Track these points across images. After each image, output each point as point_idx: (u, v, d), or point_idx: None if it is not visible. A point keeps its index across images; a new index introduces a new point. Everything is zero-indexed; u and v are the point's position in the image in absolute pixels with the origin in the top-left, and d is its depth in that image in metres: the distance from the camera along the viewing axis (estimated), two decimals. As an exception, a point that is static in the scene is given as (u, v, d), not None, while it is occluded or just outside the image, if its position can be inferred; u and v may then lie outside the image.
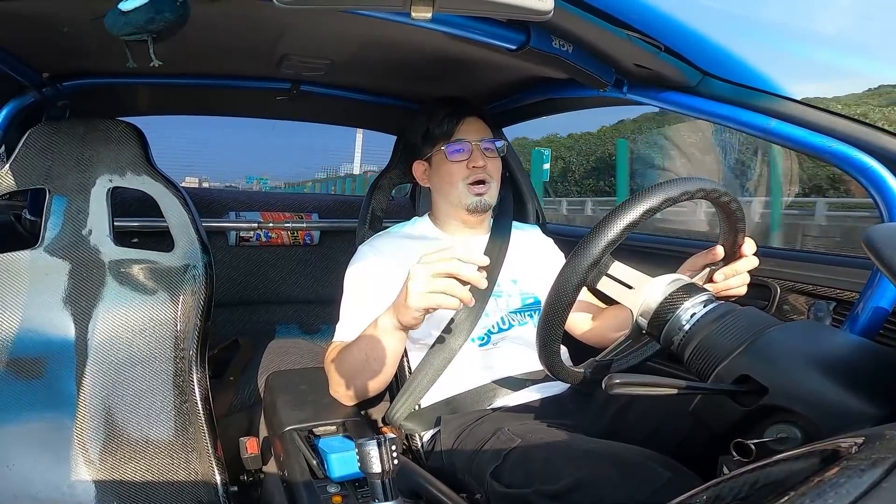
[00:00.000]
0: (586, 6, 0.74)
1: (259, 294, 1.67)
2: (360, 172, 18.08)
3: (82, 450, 0.99)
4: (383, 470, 0.60)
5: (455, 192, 1.08)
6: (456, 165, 1.07)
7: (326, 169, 21.74)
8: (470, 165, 1.07)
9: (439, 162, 1.10)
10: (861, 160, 0.78)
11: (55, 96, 1.19)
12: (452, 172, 1.08)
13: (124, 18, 0.66)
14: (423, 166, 1.15)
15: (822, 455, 0.36)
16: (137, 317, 1.06)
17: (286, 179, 25.62)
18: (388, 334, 0.90)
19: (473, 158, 1.07)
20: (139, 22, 0.67)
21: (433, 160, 1.12)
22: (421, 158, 1.14)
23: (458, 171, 1.07)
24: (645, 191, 0.65)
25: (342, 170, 20.63)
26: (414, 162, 1.16)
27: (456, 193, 1.08)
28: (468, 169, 1.07)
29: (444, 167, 1.09)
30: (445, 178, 1.09)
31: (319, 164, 23.34)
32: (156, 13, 0.66)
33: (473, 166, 1.07)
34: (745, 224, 0.75)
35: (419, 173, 1.16)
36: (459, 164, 1.07)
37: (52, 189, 1.05)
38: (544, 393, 1.02)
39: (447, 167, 1.08)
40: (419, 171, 1.16)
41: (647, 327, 0.70)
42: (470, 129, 1.09)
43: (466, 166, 1.07)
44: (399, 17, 0.79)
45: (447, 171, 1.08)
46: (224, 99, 1.51)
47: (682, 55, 0.85)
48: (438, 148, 1.09)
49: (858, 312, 0.81)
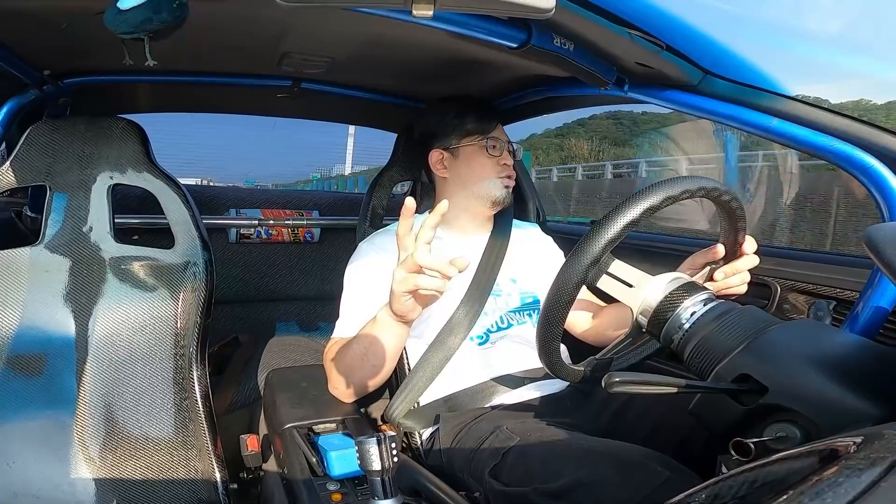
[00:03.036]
0: (588, 4, 0.74)
1: (259, 291, 1.67)
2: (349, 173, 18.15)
3: (82, 447, 1.00)
4: (383, 468, 0.60)
5: (485, 185, 1.12)
6: (492, 160, 1.12)
7: (321, 169, 21.84)
8: (501, 162, 1.13)
9: (471, 154, 1.13)
10: (862, 159, 0.78)
11: (56, 94, 1.19)
12: (487, 166, 1.12)
13: (122, 17, 0.66)
14: (442, 154, 1.15)
15: (821, 454, 0.36)
16: (138, 314, 1.06)
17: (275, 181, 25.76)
18: (386, 329, 0.90)
19: (504, 157, 1.14)
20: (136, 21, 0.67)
21: (460, 151, 1.13)
22: (442, 148, 1.15)
23: (491, 165, 1.12)
24: (646, 189, 0.65)
25: (335, 170, 20.70)
26: (431, 150, 1.16)
27: (486, 185, 1.12)
28: (499, 165, 1.13)
29: (478, 160, 1.12)
30: (477, 170, 1.12)
31: (312, 164, 23.43)
32: (153, 13, 0.66)
33: (504, 164, 1.13)
34: (745, 223, 0.75)
35: (435, 160, 1.15)
36: (494, 158, 1.12)
37: (52, 186, 1.05)
38: (543, 391, 1.02)
39: (482, 161, 1.12)
40: (436, 157, 1.15)
41: (647, 326, 0.70)
42: (500, 131, 1.16)
43: (497, 162, 1.13)
44: (400, 15, 0.79)
45: (481, 164, 1.12)
46: (225, 96, 1.51)
47: (683, 54, 0.85)
48: (474, 141, 1.13)
49: (858, 312, 0.81)
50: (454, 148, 1.14)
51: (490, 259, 1.11)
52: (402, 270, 0.79)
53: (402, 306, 0.84)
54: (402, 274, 0.79)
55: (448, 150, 1.14)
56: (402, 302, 0.83)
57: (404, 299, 0.82)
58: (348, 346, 0.97)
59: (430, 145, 1.16)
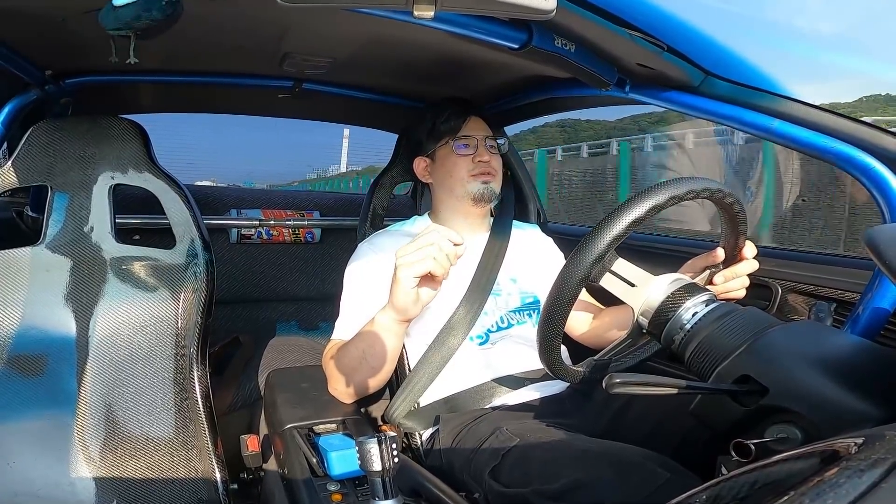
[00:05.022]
0: (589, 5, 0.74)
1: (260, 292, 1.67)
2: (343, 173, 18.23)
3: (83, 447, 1.00)
4: (383, 468, 0.60)
5: (461, 184, 1.11)
6: (463, 159, 1.11)
7: (317, 171, 21.83)
8: (475, 160, 1.11)
9: (444, 156, 1.13)
10: (863, 161, 0.78)
11: (58, 94, 1.19)
12: (459, 165, 1.11)
13: (114, 13, 0.67)
14: (424, 162, 1.17)
15: (822, 455, 0.36)
16: (138, 314, 1.06)
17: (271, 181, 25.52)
18: (386, 330, 0.90)
19: (479, 153, 1.11)
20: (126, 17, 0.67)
21: (437, 155, 1.14)
22: (423, 155, 1.16)
23: (464, 164, 1.11)
24: (652, 188, 0.65)
25: (331, 171, 20.71)
26: (416, 158, 1.18)
27: (462, 185, 1.11)
28: (473, 163, 1.11)
29: (450, 160, 1.12)
30: (451, 172, 1.11)
31: (310, 164, 23.28)
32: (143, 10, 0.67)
33: (479, 160, 1.11)
34: (747, 226, 0.75)
35: (420, 169, 1.18)
36: (466, 157, 1.11)
37: (54, 186, 1.05)
38: (543, 392, 1.02)
39: (453, 160, 1.11)
40: (420, 167, 1.17)
41: (648, 326, 0.70)
42: (475, 126, 1.13)
43: (472, 160, 1.11)
44: (401, 16, 0.79)
45: (453, 164, 1.11)
46: (226, 97, 1.51)
47: (684, 55, 0.85)
48: (444, 143, 1.12)
49: (859, 313, 0.81)
50: (432, 153, 1.15)
51: (490, 259, 1.11)
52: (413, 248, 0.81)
53: (405, 298, 0.84)
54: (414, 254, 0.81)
55: (429, 157, 1.15)
56: (405, 292, 0.83)
57: (409, 286, 0.83)
58: (347, 347, 0.97)
59: (416, 154, 1.18)
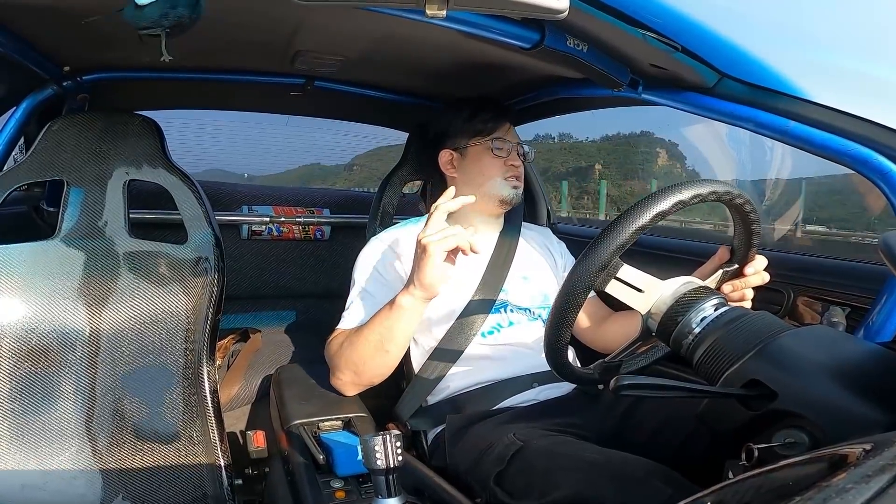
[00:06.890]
0: (602, 5, 0.74)
1: (269, 288, 1.68)
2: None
3: (90, 440, 1.01)
4: (387, 466, 0.60)
5: (492, 184, 1.12)
6: (498, 160, 1.13)
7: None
8: (508, 163, 1.13)
9: (478, 154, 1.14)
10: (881, 163, 0.76)
11: (75, 90, 1.21)
12: (493, 165, 1.13)
13: (140, 12, 0.68)
14: (450, 155, 1.17)
15: (830, 461, 0.35)
16: (149, 308, 1.07)
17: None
18: (408, 311, 0.92)
19: (512, 157, 1.14)
20: (153, 16, 0.68)
21: (468, 151, 1.15)
22: (451, 148, 1.16)
23: (498, 165, 1.13)
24: (656, 194, 0.64)
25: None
26: (441, 150, 1.18)
27: (493, 185, 1.12)
28: (506, 166, 1.13)
29: (484, 159, 1.13)
30: (484, 170, 1.13)
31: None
32: (170, 8, 0.67)
33: (511, 164, 1.13)
34: (760, 232, 0.74)
35: (444, 161, 1.18)
36: (500, 159, 1.13)
37: (69, 181, 1.06)
38: (550, 394, 1.01)
39: (489, 160, 1.13)
40: (445, 158, 1.17)
41: (657, 329, 0.69)
42: (509, 132, 1.16)
43: (505, 163, 1.13)
44: (413, 15, 0.79)
45: (488, 164, 1.13)
46: (239, 94, 1.53)
47: (698, 55, 0.84)
48: (480, 141, 1.13)
49: (873, 319, 0.79)
50: (463, 148, 1.15)
51: (500, 257, 1.11)
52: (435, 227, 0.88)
53: (435, 273, 0.87)
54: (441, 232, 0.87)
55: (457, 150, 1.15)
56: (436, 266, 0.87)
57: (440, 260, 0.86)
58: (361, 332, 0.97)
59: (442, 145, 1.18)
